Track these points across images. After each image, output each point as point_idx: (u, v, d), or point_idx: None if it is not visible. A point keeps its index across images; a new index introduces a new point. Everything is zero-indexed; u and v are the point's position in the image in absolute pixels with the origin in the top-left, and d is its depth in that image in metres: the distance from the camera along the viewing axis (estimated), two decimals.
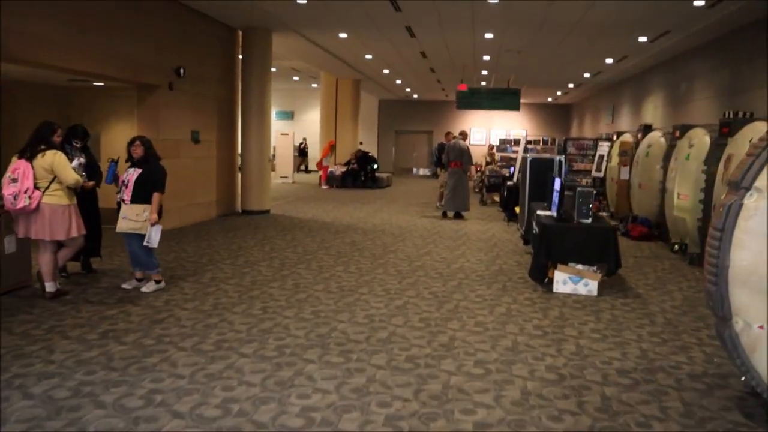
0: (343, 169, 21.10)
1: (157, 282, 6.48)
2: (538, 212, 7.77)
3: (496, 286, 7.07)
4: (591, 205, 6.88)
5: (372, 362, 4.49)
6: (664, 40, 12.81)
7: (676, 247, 9.74)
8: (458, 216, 13.30)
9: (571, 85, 22.51)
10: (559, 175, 9.85)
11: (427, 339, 5.07)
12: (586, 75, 19.24)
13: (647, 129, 12.84)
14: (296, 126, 29.85)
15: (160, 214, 6.44)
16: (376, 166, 21.36)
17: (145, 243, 6.28)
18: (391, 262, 8.30)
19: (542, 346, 4.96)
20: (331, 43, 15.05)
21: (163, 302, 5.98)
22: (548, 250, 6.83)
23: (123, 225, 6.27)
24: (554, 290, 6.81)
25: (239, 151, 13.61)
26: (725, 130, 8.40)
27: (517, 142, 27.36)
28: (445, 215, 13.42)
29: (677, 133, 10.56)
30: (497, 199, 16.74)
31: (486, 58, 16.37)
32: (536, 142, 26.79)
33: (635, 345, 5.08)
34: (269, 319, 5.49)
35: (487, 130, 30.47)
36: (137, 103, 10.35)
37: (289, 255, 8.55)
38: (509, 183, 13.92)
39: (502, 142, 26.54)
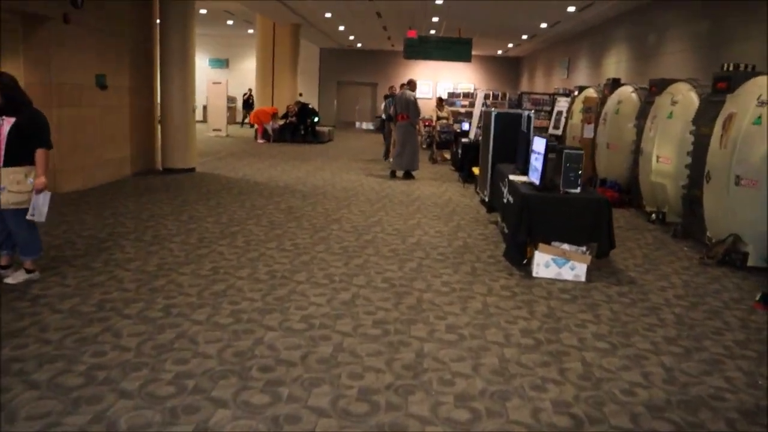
0: (281, 122, 19.38)
1: (29, 271, 4.92)
2: (512, 177, 6.51)
3: (464, 268, 5.80)
4: (580, 171, 5.64)
5: (310, 403, 3.16)
6: None
7: (654, 216, 8.72)
8: (408, 176, 11.98)
9: (525, 37, 21.25)
10: (528, 130, 8.66)
11: (386, 357, 3.75)
12: (543, 25, 17.99)
13: (615, 84, 11.70)
14: (231, 75, 27.67)
15: None
16: (316, 120, 19.70)
17: (29, 216, 4.73)
18: (334, 235, 6.92)
19: (540, 366, 3.72)
20: None
21: (29, 301, 4.45)
22: (529, 226, 5.59)
23: (3, 198, 4.65)
24: (534, 274, 5.61)
25: (159, 100, 11.84)
26: (722, 86, 7.26)
27: (467, 95, 26.16)
28: (393, 175, 12.08)
29: (654, 89, 9.45)
30: (448, 156, 15.52)
31: (438, 1, 14.85)
32: (486, 96, 25.61)
33: (655, 360, 3.91)
34: (172, 326, 4.06)
35: (434, 83, 29.05)
36: (22, 39, 8.45)
37: (211, 227, 7.06)
38: (464, 140, 12.64)
39: (450, 95, 25.28)
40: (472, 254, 6.35)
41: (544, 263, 5.59)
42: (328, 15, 18.21)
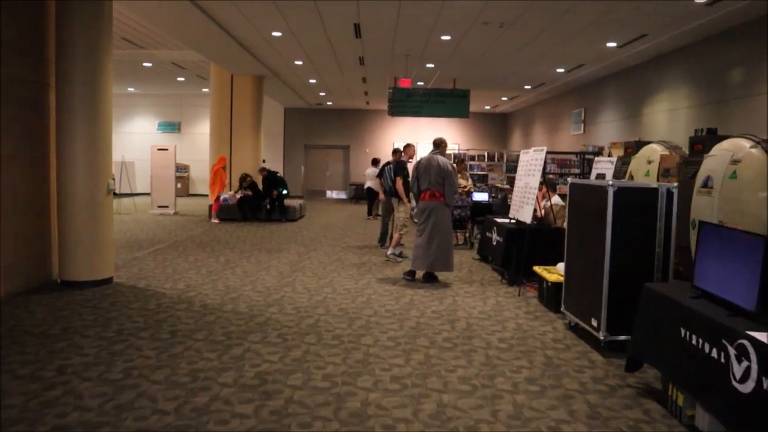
0: (239, 194, 15.57)
1: None
2: (746, 343, 2.82)
3: None
4: None
5: None
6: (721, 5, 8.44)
7: None
8: (430, 278, 8.25)
9: (527, 87, 18.10)
10: (669, 216, 5.16)
11: None
12: (560, 70, 14.81)
13: (713, 136, 8.32)
14: (184, 140, 24.03)
15: None
16: (285, 192, 15.94)
17: None
18: None
19: None
20: (218, 6, 9.71)
21: None
22: None
23: None
24: None
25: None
26: None
27: (461, 159, 22.80)
28: (412, 276, 8.32)
29: None
30: (461, 239, 11.96)
31: (446, 38, 11.50)
32: (480, 157, 22.37)
33: None
34: None
35: (414, 144, 25.66)
36: None
37: None
38: (500, 220, 9.02)
39: None
40: None
41: None
42: (298, 63, 14.73)
